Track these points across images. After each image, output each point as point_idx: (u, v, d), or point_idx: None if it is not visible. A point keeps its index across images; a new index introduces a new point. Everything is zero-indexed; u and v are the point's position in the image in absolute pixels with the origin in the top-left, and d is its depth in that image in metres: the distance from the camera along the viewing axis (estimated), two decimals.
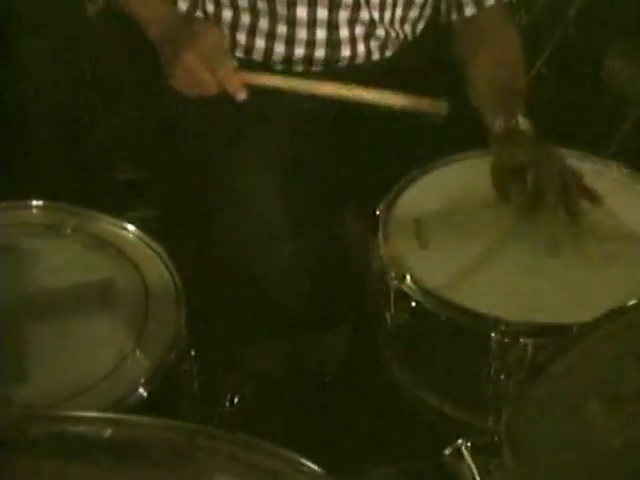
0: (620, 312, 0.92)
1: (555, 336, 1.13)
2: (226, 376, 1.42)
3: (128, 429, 0.81)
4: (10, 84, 1.71)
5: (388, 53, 1.74)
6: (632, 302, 1.02)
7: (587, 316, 0.93)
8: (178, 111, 1.67)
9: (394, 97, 1.55)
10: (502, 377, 1.17)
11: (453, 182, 1.48)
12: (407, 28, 1.75)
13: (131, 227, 1.42)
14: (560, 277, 1.29)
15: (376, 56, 1.73)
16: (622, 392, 0.84)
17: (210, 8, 1.69)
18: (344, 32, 1.68)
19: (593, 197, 1.41)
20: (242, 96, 1.53)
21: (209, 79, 1.52)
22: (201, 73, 1.52)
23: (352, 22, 1.68)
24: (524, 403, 0.90)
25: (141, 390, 1.17)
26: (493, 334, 1.17)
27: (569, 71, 2.52)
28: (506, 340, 1.16)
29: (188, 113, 1.66)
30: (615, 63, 2.22)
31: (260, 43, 1.67)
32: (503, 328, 1.17)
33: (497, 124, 1.51)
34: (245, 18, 1.66)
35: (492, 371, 1.18)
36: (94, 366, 1.20)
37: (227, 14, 1.67)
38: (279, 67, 1.67)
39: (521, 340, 1.16)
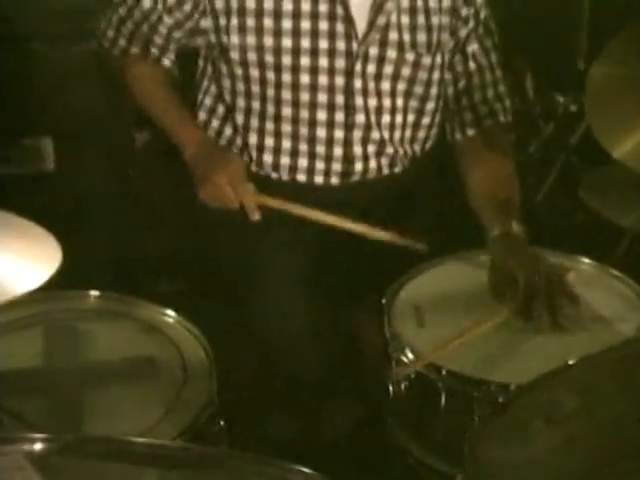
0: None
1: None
2: (248, 436, 1.61)
3: None
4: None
5: (397, 169, 1.97)
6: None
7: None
8: (212, 222, 1.94)
9: (381, 233, 1.79)
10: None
11: (450, 277, 1.72)
12: (416, 147, 1.99)
13: (172, 313, 1.66)
14: (531, 349, 1.51)
15: (386, 171, 1.96)
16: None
17: (239, 141, 1.95)
18: (358, 150, 1.93)
19: (573, 297, 1.62)
20: (256, 217, 1.80)
21: (232, 196, 1.79)
22: (226, 190, 1.79)
23: (365, 141, 1.92)
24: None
25: None
26: (476, 393, 1.38)
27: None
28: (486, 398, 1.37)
29: (220, 223, 1.92)
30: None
31: (285, 160, 1.92)
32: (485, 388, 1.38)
33: (493, 229, 1.74)
34: (269, 141, 1.92)
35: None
36: (137, 425, 1.41)
37: (252, 139, 1.93)
38: (302, 178, 1.92)
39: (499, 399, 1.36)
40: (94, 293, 1.71)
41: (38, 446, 1.03)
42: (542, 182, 2.99)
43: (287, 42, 1.84)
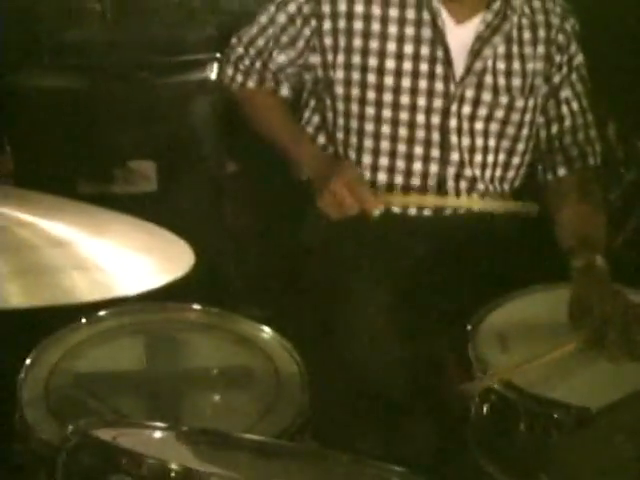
0: None
1: None
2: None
3: None
4: None
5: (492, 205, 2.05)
6: None
7: None
8: (302, 250, 2.06)
9: (492, 203, 1.97)
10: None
11: (533, 306, 1.78)
12: (505, 185, 2.07)
13: (266, 328, 1.75)
14: (606, 375, 1.58)
15: None
16: None
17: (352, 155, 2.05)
18: (451, 185, 2.01)
19: None
20: (376, 213, 1.88)
21: (351, 202, 1.86)
22: (345, 197, 1.86)
23: (458, 177, 2.01)
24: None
25: None
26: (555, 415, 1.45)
27: None
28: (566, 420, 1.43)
29: (310, 250, 2.03)
30: None
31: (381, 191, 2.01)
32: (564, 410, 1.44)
33: (578, 261, 1.81)
34: (367, 173, 2.01)
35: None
36: (232, 428, 1.50)
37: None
38: (396, 209, 2.01)
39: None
40: (195, 306, 1.81)
41: (158, 434, 1.14)
42: (622, 228, 3.03)
43: (389, 80, 1.95)
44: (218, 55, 2.70)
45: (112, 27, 3.02)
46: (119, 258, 1.11)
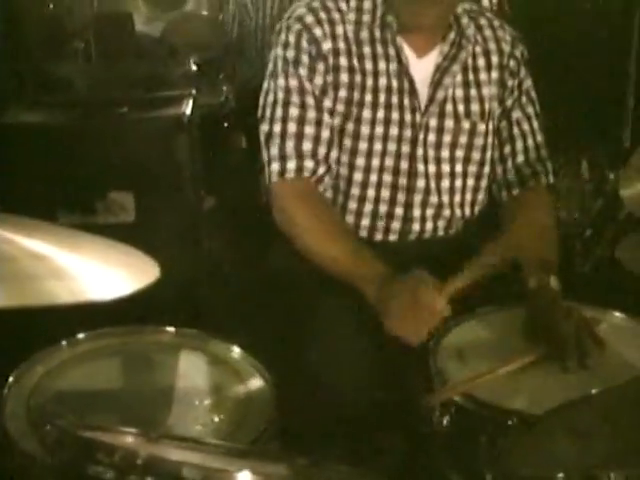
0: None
1: None
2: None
3: None
4: None
5: (452, 231, 2.16)
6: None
7: None
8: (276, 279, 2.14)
9: None
10: None
11: (491, 324, 1.87)
12: (475, 208, 2.16)
13: (237, 348, 1.83)
14: (560, 386, 1.66)
15: (441, 233, 2.14)
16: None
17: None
18: (417, 211, 2.10)
19: (600, 343, 1.77)
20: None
21: (424, 331, 1.77)
22: (422, 331, 1.76)
23: (424, 204, 2.10)
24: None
25: None
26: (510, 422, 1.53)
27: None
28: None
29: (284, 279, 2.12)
30: None
31: (349, 218, 2.10)
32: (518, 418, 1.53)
33: (532, 282, 1.91)
34: (339, 200, 2.10)
35: None
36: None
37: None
38: (364, 234, 2.11)
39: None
40: (169, 329, 1.89)
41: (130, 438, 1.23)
42: (591, 254, 3.14)
43: (367, 112, 2.05)
44: (194, 92, 2.82)
45: (94, 64, 3.14)
46: (90, 269, 1.21)
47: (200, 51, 4.15)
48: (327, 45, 2.04)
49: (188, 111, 2.62)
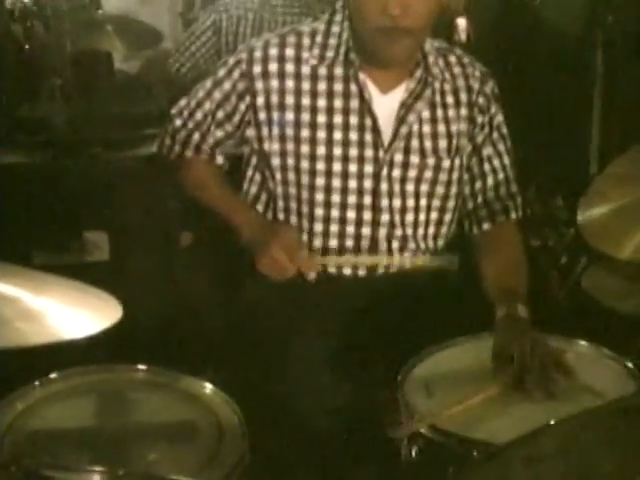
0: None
1: None
2: None
3: None
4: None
5: (419, 262, 2.18)
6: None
7: None
8: (250, 312, 2.18)
9: (418, 258, 2.10)
10: None
11: (459, 356, 1.91)
12: (438, 242, 2.19)
13: (209, 385, 1.86)
14: (525, 416, 1.69)
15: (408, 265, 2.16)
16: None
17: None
18: (383, 245, 2.13)
19: (567, 372, 1.80)
20: (312, 275, 2.04)
21: (289, 265, 1.99)
22: (283, 261, 1.98)
23: (389, 237, 2.14)
24: None
25: None
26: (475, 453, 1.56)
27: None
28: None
29: (255, 314, 2.15)
30: None
31: (317, 257, 2.12)
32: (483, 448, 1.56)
33: (500, 311, 1.94)
34: (304, 237, 2.13)
35: None
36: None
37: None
38: (332, 270, 2.13)
39: None
40: (141, 367, 1.91)
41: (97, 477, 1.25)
42: (566, 282, 3.18)
43: (321, 150, 2.08)
44: None
45: (70, 103, 3.16)
46: (58, 311, 1.24)
47: (174, 89, 4.19)
48: (260, 85, 2.09)
49: None
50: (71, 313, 1.28)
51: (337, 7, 2.13)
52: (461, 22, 3.65)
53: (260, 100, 2.09)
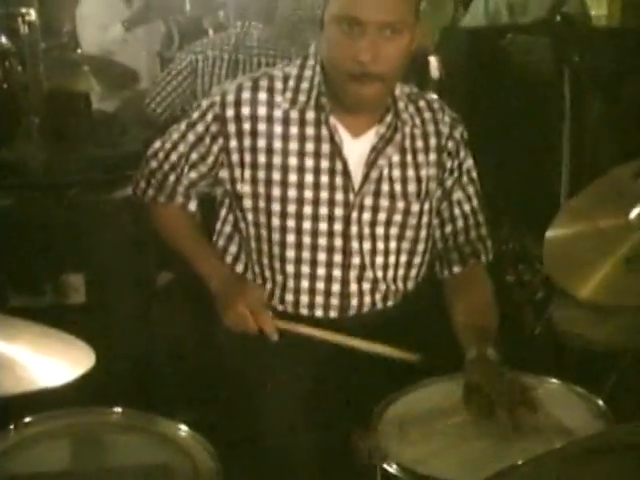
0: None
1: None
2: None
3: None
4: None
5: (390, 303, 2.20)
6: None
7: None
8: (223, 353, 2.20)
9: (380, 347, 2.04)
10: None
11: (431, 396, 1.93)
12: (408, 283, 2.22)
13: (184, 427, 1.87)
14: (494, 454, 1.71)
15: (380, 306, 2.19)
16: None
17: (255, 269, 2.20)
18: (354, 287, 2.16)
19: (534, 408, 1.82)
20: (274, 337, 2.04)
21: (252, 323, 2.04)
22: (246, 318, 2.04)
23: (360, 279, 2.16)
24: None
25: None
26: None
27: None
28: None
29: (230, 355, 2.18)
30: None
31: (289, 296, 2.15)
32: None
33: (471, 352, 1.96)
34: (277, 277, 2.16)
35: None
36: None
37: (264, 274, 2.17)
38: (304, 312, 2.15)
39: None
40: (117, 409, 1.92)
41: None
42: (540, 319, 3.21)
43: (292, 193, 2.10)
44: None
45: (47, 145, 3.18)
46: (30, 359, 1.26)
47: (153, 128, 4.22)
48: (232, 128, 2.11)
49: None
50: (44, 361, 1.29)
51: (310, 52, 2.17)
52: (433, 60, 3.73)
53: (233, 143, 2.11)
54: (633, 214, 1.98)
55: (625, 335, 2.25)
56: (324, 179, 2.11)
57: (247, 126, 2.11)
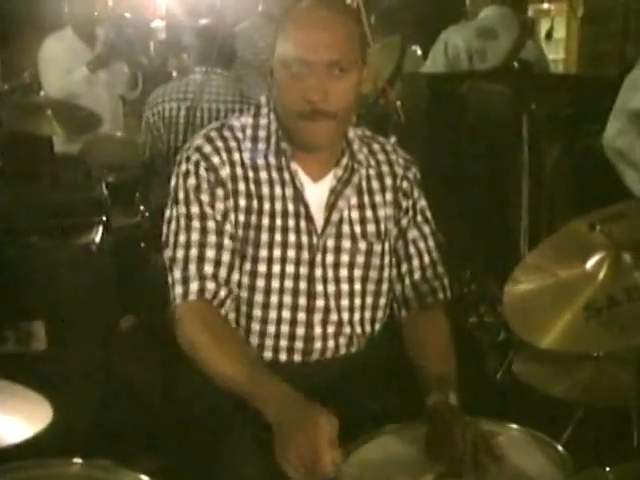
0: None
1: None
2: None
3: None
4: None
5: (353, 349, 2.20)
6: None
7: None
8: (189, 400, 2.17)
9: None
10: None
11: (393, 444, 1.92)
12: (375, 326, 2.22)
13: (145, 477, 1.85)
14: None
15: (343, 351, 2.19)
16: None
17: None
18: (318, 330, 2.15)
19: (496, 457, 1.83)
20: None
21: (312, 469, 1.73)
22: (306, 464, 1.73)
23: (324, 322, 2.16)
24: None
25: None
26: None
27: None
28: None
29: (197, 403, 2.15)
30: None
31: (254, 339, 2.13)
32: None
33: (431, 399, 1.97)
34: (242, 321, 2.14)
35: None
36: None
37: (229, 317, 2.13)
38: (268, 355, 2.14)
39: None
40: (77, 460, 1.90)
41: None
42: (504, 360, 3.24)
43: (265, 237, 2.12)
44: (104, 218, 2.87)
45: (5, 192, 3.18)
46: None
47: (116, 171, 4.23)
48: (225, 171, 2.12)
49: (97, 238, 2.67)
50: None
51: (262, 100, 2.20)
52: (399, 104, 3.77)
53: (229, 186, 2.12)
54: (589, 264, 2.01)
55: (581, 391, 2.27)
56: (291, 222, 2.14)
57: (226, 171, 2.13)
